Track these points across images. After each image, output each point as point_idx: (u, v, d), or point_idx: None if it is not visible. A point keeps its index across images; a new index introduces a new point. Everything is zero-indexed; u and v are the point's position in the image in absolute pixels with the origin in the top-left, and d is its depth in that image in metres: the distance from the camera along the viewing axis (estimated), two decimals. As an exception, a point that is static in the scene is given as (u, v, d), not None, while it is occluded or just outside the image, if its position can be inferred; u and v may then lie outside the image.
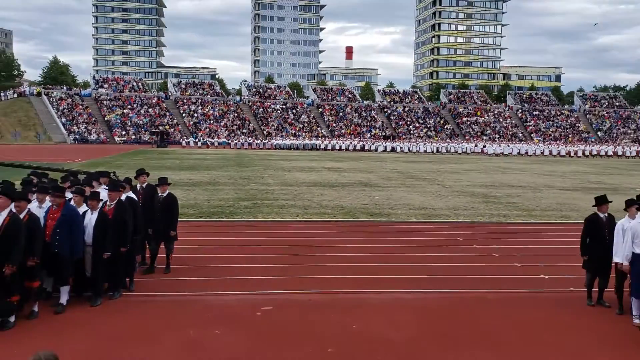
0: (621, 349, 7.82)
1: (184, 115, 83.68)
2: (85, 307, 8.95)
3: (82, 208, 9.33)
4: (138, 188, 11.44)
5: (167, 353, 7.39)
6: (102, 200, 9.66)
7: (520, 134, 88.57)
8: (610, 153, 66.19)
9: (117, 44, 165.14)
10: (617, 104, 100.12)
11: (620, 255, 8.97)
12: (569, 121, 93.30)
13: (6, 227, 7.82)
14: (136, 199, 10.75)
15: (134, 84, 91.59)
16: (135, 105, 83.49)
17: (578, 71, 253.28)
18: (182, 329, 8.19)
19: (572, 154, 66.19)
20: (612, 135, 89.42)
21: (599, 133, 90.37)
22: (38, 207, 9.14)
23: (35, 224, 8.30)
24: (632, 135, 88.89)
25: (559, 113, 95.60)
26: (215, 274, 11.04)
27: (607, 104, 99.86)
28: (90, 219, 9.15)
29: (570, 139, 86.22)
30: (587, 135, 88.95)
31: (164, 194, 11.13)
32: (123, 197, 10.12)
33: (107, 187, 10.15)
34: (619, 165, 51.51)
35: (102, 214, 9.21)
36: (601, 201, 9.65)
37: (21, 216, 8.16)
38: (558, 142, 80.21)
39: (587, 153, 66.10)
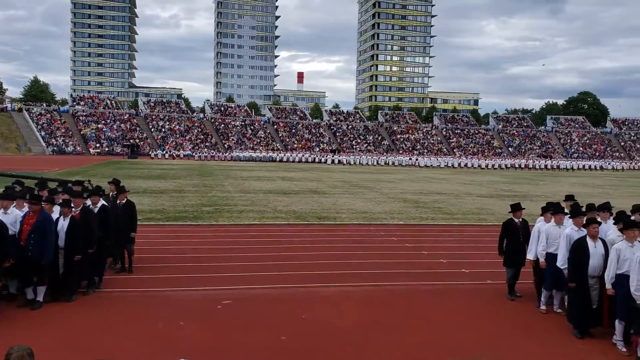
0: (532, 332, 8.03)
1: (152, 130, 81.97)
2: (60, 304, 8.58)
3: (55, 214, 8.97)
4: (110, 197, 11.06)
5: (138, 343, 7.16)
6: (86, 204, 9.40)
7: (445, 149, 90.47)
8: (522, 165, 68.16)
9: (93, 66, 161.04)
10: (525, 124, 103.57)
11: (533, 253, 9.07)
12: (485, 138, 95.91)
13: None
14: (108, 206, 10.27)
15: (108, 101, 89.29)
16: (108, 121, 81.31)
17: (493, 96, 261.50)
18: (150, 322, 7.95)
19: (488, 166, 67.87)
20: (521, 150, 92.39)
21: (510, 149, 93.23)
22: (4, 213, 8.66)
23: (2, 229, 7.96)
24: (537, 150, 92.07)
25: (477, 132, 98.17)
26: (181, 272, 10.79)
27: (516, 124, 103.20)
28: (63, 225, 8.75)
29: (486, 153, 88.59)
30: (500, 151, 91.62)
31: (123, 201, 10.69)
32: (99, 204, 9.83)
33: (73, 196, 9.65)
34: (527, 176, 53.16)
35: (73, 220, 8.84)
36: (516, 208, 9.76)
37: None
38: (476, 156, 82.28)
39: (501, 166, 67.92)
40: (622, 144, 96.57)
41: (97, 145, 74.84)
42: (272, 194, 26.70)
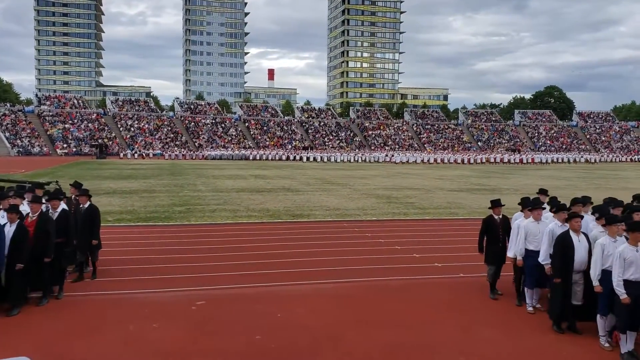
0: (506, 325, 8.16)
1: (121, 129, 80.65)
2: (30, 309, 8.38)
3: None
4: (73, 200, 10.63)
5: (109, 347, 7.03)
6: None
7: (416, 145, 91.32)
8: (491, 160, 69.15)
9: (59, 65, 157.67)
10: (494, 119, 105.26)
11: (513, 251, 8.92)
12: (455, 133, 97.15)
13: None
14: (69, 211, 9.81)
15: (75, 101, 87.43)
16: (76, 121, 79.68)
17: (461, 92, 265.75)
18: (122, 324, 7.83)
19: (458, 161, 68.70)
20: (490, 144, 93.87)
21: (479, 143, 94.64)
22: None
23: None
24: (506, 144, 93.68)
25: (446, 127, 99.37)
26: (153, 274, 10.64)
27: (485, 119, 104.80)
28: (9, 231, 8.26)
29: (456, 148, 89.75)
30: (469, 145, 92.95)
31: (85, 205, 10.20)
32: (59, 208, 9.38)
33: (30, 200, 9.25)
34: (496, 170, 54.04)
35: (19, 227, 8.33)
36: (495, 204, 9.54)
37: None
38: (446, 151, 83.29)
39: (470, 160, 68.81)
40: (588, 136, 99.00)
41: (65, 145, 73.30)
42: (244, 192, 26.55)
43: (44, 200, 9.67)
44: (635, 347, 6.84)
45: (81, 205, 10.27)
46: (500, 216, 9.50)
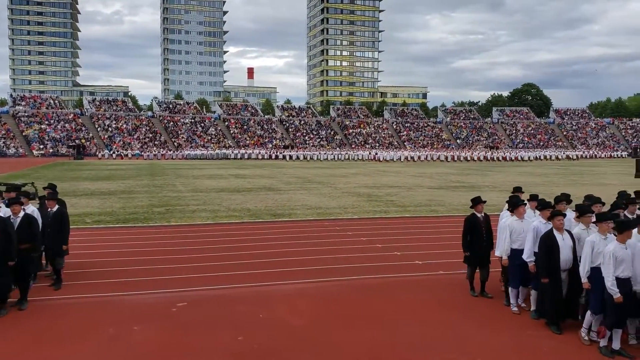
0: (485, 321, 8.25)
1: (99, 129, 79.57)
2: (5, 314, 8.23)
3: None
4: (46, 203, 10.21)
5: (89, 350, 6.94)
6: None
7: (396, 143, 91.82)
8: (468, 158, 69.70)
9: (34, 65, 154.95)
10: (472, 116, 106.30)
11: (500, 249, 8.79)
12: (434, 131, 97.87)
13: None
14: (36, 215, 9.40)
15: (51, 101, 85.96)
16: (52, 121, 78.35)
17: (440, 90, 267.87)
18: (102, 328, 7.73)
19: (447, 158, 68.35)
20: (468, 142, 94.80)
21: (458, 141, 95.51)
22: None
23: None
24: (484, 142, 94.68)
25: (426, 125, 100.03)
26: (133, 275, 10.52)
27: (464, 116, 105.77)
28: None
29: (435, 145, 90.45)
30: (449, 143, 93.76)
31: (54, 209, 9.74)
32: (21, 214, 8.94)
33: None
34: (475, 167, 54.55)
35: None
36: (476, 201, 9.33)
37: None
38: (426, 148, 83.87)
39: (449, 158, 69.24)
40: (565, 133, 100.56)
41: (41, 146, 72.05)
42: (225, 192, 26.41)
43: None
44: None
45: (49, 210, 9.80)
46: (483, 214, 9.35)
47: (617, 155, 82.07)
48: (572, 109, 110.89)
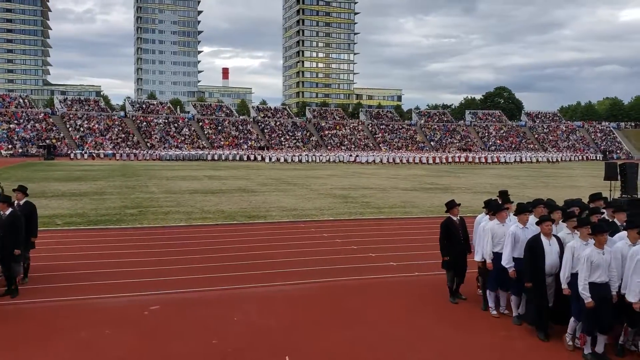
0: (457, 322, 8.32)
1: (70, 129, 78.01)
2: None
3: None
4: (15, 205, 9.91)
5: (59, 356, 6.78)
6: None
7: (371, 144, 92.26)
8: (439, 159, 70.25)
9: (2, 63, 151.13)
10: (445, 119, 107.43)
11: (480, 254, 8.70)
12: (409, 133, 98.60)
13: None
14: None
15: (20, 100, 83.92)
16: (21, 121, 76.54)
17: (414, 92, 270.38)
18: (73, 332, 7.57)
19: (423, 160, 68.63)
20: (442, 144, 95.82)
21: (432, 143, 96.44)
22: None
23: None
24: (457, 144, 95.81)
25: (401, 127, 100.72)
26: (105, 278, 10.33)
27: (437, 119, 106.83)
28: None
29: (410, 147, 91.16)
30: (423, 145, 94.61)
31: (6, 213, 9.27)
32: None
33: None
34: (448, 169, 55.21)
35: None
36: (451, 205, 9.16)
37: None
38: (401, 150, 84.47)
39: (436, 159, 69.52)
40: (536, 136, 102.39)
41: (10, 146, 70.33)
42: (199, 193, 26.17)
43: None
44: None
45: (1, 213, 9.36)
46: (459, 217, 9.21)
47: (594, 157, 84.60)
48: (544, 112, 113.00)
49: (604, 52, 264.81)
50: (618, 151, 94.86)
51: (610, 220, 8.37)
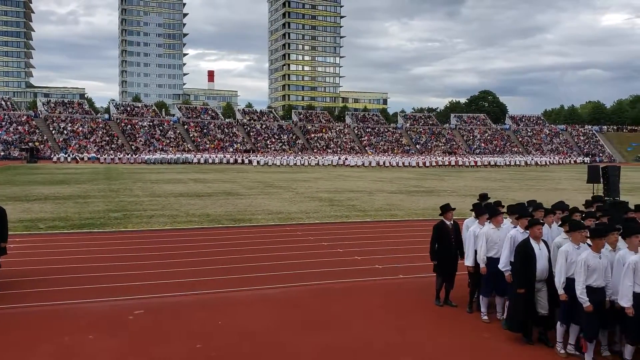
0: (441, 325, 8.38)
1: (53, 132, 77.16)
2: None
3: None
4: None
5: (40, 363, 6.71)
6: None
7: (357, 147, 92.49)
8: (428, 163, 70.62)
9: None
10: (431, 122, 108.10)
11: (471, 259, 8.60)
12: (395, 136, 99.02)
13: None
14: None
15: (3, 102, 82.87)
16: (3, 123, 75.60)
17: (399, 96, 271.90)
18: (56, 337, 7.49)
19: (412, 164, 68.84)
20: (427, 147, 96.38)
21: (417, 146, 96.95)
22: None
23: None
24: (442, 147, 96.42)
25: (386, 130, 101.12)
26: (89, 283, 10.23)
27: (423, 122, 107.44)
28: None
29: (395, 151, 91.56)
30: (408, 148, 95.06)
31: None
32: None
33: None
34: (433, 172, 55.51)
35: None
36: (446, 209, 9.11)
37: None
38: (387, 153, 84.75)
39: (408, 163, 69.83)
40: (520, 139, 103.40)
41: (-9, 149, 69.43)
42: (184, 197, 26.04)
43: None
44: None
45: None
46: (452, 222, 9.12)
47: (580, 161, 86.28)
48: (527, 116, 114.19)
49: (586, 56, 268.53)
50: (601, 154, 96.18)
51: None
